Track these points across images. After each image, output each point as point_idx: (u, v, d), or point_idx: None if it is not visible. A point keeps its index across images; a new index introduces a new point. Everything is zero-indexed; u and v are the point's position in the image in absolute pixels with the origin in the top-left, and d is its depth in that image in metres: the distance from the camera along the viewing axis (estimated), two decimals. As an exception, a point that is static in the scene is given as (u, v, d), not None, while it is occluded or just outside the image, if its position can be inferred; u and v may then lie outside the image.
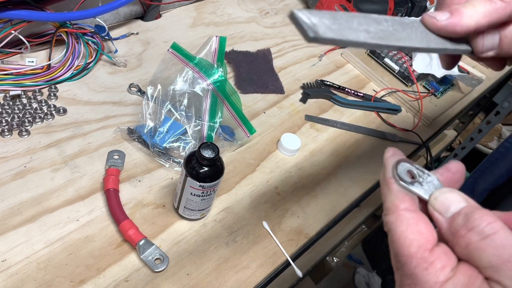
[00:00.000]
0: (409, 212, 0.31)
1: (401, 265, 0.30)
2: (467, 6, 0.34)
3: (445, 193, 0.31)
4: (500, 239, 0.27)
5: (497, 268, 0.27)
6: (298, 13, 0.29)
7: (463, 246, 0.28)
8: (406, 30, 0.34)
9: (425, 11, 1.15)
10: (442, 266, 0.28)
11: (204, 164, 0.59)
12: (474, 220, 0.28)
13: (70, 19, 0.78)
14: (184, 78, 0.73)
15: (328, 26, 0.29)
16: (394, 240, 0.30)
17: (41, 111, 0.73)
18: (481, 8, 0.34)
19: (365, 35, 0.31)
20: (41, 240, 0.60)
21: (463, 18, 0.34)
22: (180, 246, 0.64)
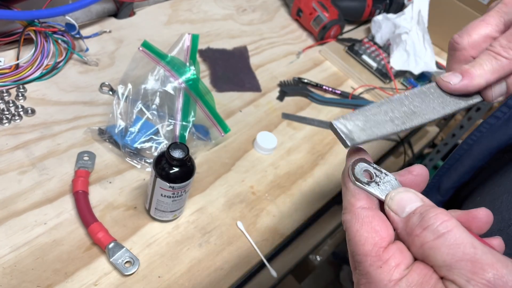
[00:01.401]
0: (364, 210, 0.31)
1: (357, 264, 0.30)
2: (475, 66, 0.37)
3: (401, 192, 0.31)
4: (454, 237, 0.27)
5: (451, 266, 0.26)
6: (337, 124, 0.34)
7: (418, 245, 0.28)
8: (424, 101, 0.38)
9: (402, 7, 1.15)
10: (396, 264, 0.28)
11: (174, 164, 0.58)
12: (428, 219, 0.28)
13: (39, 17, 0.76)
14: (155, 77, 0.71)
15: (361, 128, 0.34)
16: (350, 238, 0.30)
17: (9, 112, 0.71)
18: (489, 66, 0.37)
19: (391, 126, 0.35)
20: (6, 245, 0.59)
21: (474, 79, 0.37)
22: (152, 248, 0.63)
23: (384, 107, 0.36)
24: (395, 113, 0.36)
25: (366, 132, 0.34)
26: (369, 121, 0.35)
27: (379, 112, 0.36)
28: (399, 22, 1.02)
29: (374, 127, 0.35)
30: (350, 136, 0.33)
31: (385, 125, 0.35)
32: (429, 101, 0.38)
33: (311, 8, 1.07)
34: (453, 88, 0.38)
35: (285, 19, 1.13)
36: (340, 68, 1.03)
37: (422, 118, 0.37)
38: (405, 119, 0.36)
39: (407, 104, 0.37)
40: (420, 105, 0.37)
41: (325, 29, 1.04)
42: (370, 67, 1.02)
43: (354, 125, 0.34)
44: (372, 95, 0.99)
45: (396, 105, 0.37)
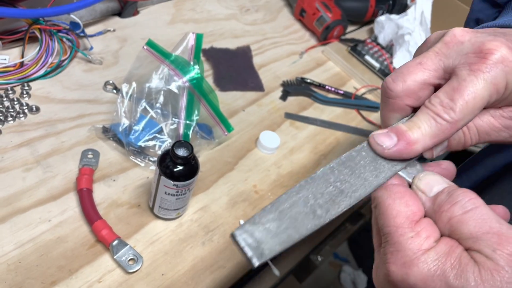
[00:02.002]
0: (396, 187, 0.33)
1: (385, 236, 0.31)
2: (413, 129, 0.33)
3: (429, 175, 0.34)
4: (481, 213, 0.29)
5: (478, 238, 0.28)
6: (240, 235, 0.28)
7: (445, 220, 0.30)
8: (354, 172, 0.33)
9: (406, 8, 1.16)
10: (427, 236, 0.30)
11: (178, 162, 0.58)
12: (457, 196, 0.30)
13: (43, 15, 0.76)
14: (159, 76, 0.71)
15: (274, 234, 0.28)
16: (382, 212, 0.32)
17: (13, 110, 0.72)
18: (427, 130, 0.32)
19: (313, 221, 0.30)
20: (11, 241, 0.59)
21: (411, 146, 0.33)
22: (155, 246, 0.63)
23: (304, 192, 0.31)
24: (317, 200, 0.31)
25: (280, 238, 0.28)
26: (284, 220, 0.29)
27: (297, 201, 0.30)
28: (402, 22, 1.02)
29: (290, 228, 0.29)
30: (258, 251, 0.28)
31: (305, 221, 0.30)
32: (360, 171, 0.33)
33: (314, 8, 1.07)
34: (387, 154, 0.33)
35: (288, 19, 1.14)
36: (343, 68, 1.04)
37: (351, 198, 0.32)
38: (330, 205, 0.31)
39: (333, 181, 0.32)
40: (349, 179, 0.33)
41: (328, 29, 1.05)
42: (373, 67, 1.02)
43: (264, 231, 0.28)
44: (374, 95, 0.99)
45: (320, 186, 0.32)
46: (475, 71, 0.32)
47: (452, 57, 0.34)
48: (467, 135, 0.37)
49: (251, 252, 0.28)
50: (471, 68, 0.32)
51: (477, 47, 0.32)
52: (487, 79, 0.31)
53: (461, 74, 0.32)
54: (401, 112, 0.36)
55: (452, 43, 0.34)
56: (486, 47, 0.32)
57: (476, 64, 0.32)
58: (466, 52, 0.33)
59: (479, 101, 0.32)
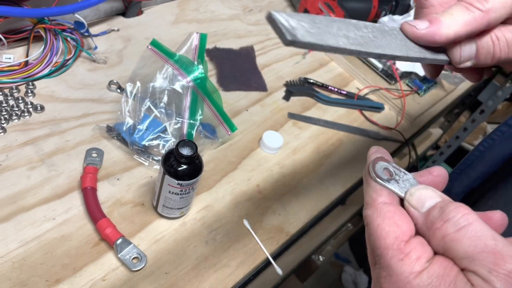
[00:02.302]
0: (386, 205, 0.31)
1: (378, 258, 0.30)
2: (445, 15, 0.34)
3: (420, 189, 0.32)
4: (475, 230, 0.27)
5: (473, 258, 0.27)
6: (276, 15, 0.28)
7: (439, 238, 0.29)
8: (385, 37, 0.33)
9: (408, 9, 1.16)
10: (417, 257, 0.28)
11: (182, 161, 0.58)
12: (449, 212, 0.29)
13: (48, 15, 0.76)
14: (164, 75, 0.72)
15: (307, 30, 0.28)
16: (371, 232, 0.31)
17: (18, 109, 0.72)
18: (460, 17, 0.34)
19: (344, 41, 0.30)
20: (16, 239, 0.59)
21: (442, 28, 0.34)
22: (159, 244, 0.64)
23: (338, 23, 0.31)
24: (350, 33, 0.31)
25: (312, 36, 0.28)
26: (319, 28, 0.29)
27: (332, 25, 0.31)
28: (405, 23, 1.02)
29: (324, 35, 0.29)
30: (291, 32, 0.28)
31: (338, 38, 0.30)
32: (391, 39, 0.34)
33: (317, 9, 1.07)
34: (419, 34, 0.34)
35: (291, 19, 1.14)
36: (345, 69, 1.04)
37: (382, 49, 0.32)
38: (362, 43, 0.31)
39: (365, 31, 0.32)
40: (380, 38, 0.33)
41: (331, 30, 1.05)
42: (375, 68, 1.02)
43: (298, 24, 0.28)
44: (377, 96, 0.99)
45: (352, 27, 0.32)
46: None
47: None
48: (497, 45, 0.36)
49: (284, 29, 0.27)
50: None
51: None
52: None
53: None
54: None
55: None
56: None
57: None
58: None
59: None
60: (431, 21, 0.34)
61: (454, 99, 1.07)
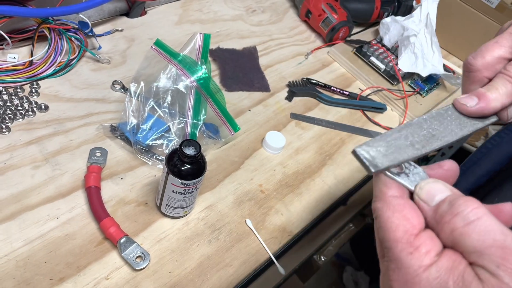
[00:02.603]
0: (395, 199, 0.32)
1: (387, 250, 0.31)
2: (491, 90, 0.38)
3: (430, 183, 0.33)
4: (484, 224, 0.28)
5: (481, 253, 0.27)
6: (360, 150, 0.34)
7: (448, 232, 0.29)
8: (443, 123, 0.38)
9: (411, 10, 1.16)
10: (427, 251, 0.29)
11: (186, 161, 0.59)
12: (458, 206, 0.29)
13: (53, 15, 0.77)
14: (167, 75, 0.72)
15: (384, 154, 0.35)
16: (381, 225, 0.31)
17: (22, 108, 0.73)
18: (503, 90, 0.38)
19: (412, 151, 0.36)
20: (20, 238, 0.60)
21: (490, 103, 0.38)
22: (162, 244, 0.64)
23: (404, 131, 0.37)
24: (415, 137, 0.37)
25: (388, 158, 0.34)
26: (391, 147, 0.35)
27: (399, 137, 0.36)
28: (407, 24, 1.03)
29: (396, 153, 0.35)
30: (373, 163, 0.34)
31: (406, 150, 0.36)
32: (447, 124, 0.39)
33: (320, 9, 1.07)
34: (470, 111, 0.38)
35: (294, 20, 1.14)
36: (348, 70, 1.04)
37: (441, 141, 0.37)
38: (425, 143, 0.37)
39: (426, 127, 0.38)
40: (438, 128, 0.38)
41: (333, 30, 1.05)
42: (378, 68, 1.03)
43: (376, 151, 0.35)
44: (380, 96, 1.00)
45: (416, 129, 0.37)
46: None
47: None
48: None
49: (367, 162, 0.33)
50: None
51: None
52: None
53: None
54: (480, 83, 0.40)
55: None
56: None
57: None
58: None
59: None
60: (479, 97, 0.38)
61: (456, 100, 1.07)
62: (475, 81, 0.40)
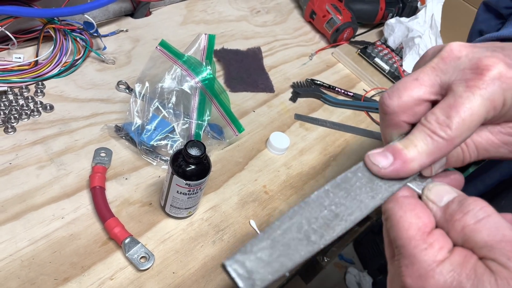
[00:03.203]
0: (406, 199, 0.32)
1: (398, 249, 0.31)
2: (409, 147, 0.32)
3: (438, 185, 0.33)
4: (494, 221, 0.29)
5: (492, 247, 0.28)
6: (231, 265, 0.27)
7: (458, 229, 0.30)
8: (350, 194, 0.32)
9: (416, 11, 1.16)
10: (440, 247, 0.30)
11: (191, 162, 0.59)
12: (468, 205, 0.30)
13: (58, 15, 0.77)
14: (172, 76, 0.72)
15: (266, 263, 0.27)
16: (393, 225, 0.32)
17: (28, 108, 0.73)
18: (423, 148, 0.32)
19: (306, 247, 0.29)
20: (25, 238, 0.60)
21: (406, 164, 0.32)
22: (166, 244, 0.64)
23: (297, 218, 0.30)
24: (311, 225, 0.30)
25: (272, 267, 0.27)
26: (277, 247, 0.28)
27: (290, 228, 0.30)
28: (412, 25, 1.02)
29: (283, 255, 0.28)
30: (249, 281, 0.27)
31: (298, 247, 0.29)
32: (356, 193, 0.32)
33: (325, 10, 1.07)
34: (383, 173, 0.33)
35: (298, 21, 1.14)
36: (352, 71, 1.04)
37: (347, 221, 0.31)
38: (324, 230, 0.30)
39: (328, 204, 0.31)
40: (344, 202, 0.32)
41: (338, 31, 1.05)
42: (382, 70, 1.03)
43: (255, 261, 0.27)
44: (384, 98, 0.99)
45: (314, 210, 0.31)
46: (471, 87, 0.31)
47: (449, 72, 0.33)
48: (466, 152, 0.36)
49: (242, 283, 0.27)
50: (468, 85, 0.31)
51: (474, 63, 0.32)
52: (484, 96, 0.31)
53: (458, 91, 0.31)
54: (398, 128, 0.35)
55: (449, 58, 0.33)
56: (483, 63, 0.31)
57: (473, 80, 0.31)
58: (463, 68, 0.32)
59: (476, 118, 0.31)
60: (394, 156, 0.33)
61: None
62: (392, 124, 0.35)
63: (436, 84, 0.33)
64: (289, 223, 0.30)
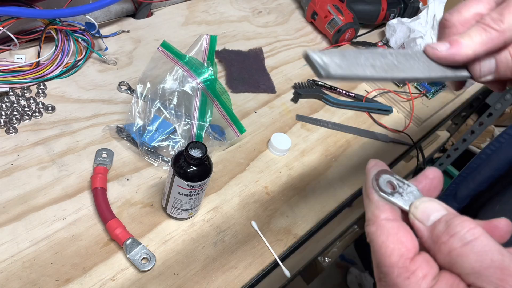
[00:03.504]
0: (389, 222, 0.31)
1: (383, 275, 0.30)
2: (464, 36, 0.36)
3: (425, 202, 0.32)
4: (482, 245, 0.27)
5: (480, 274, 0.27)
6: (312, 54, 0.32)
7: (445, 253, 0.28)
8: (409, 61, 0.36)
9: (418, 12, 1.16)
10: (424, 275, 0.28)
11: (192, 163, 0.59)
12: (455, 226, 0.28)
13: (60, 16, 0.77)
14: (174, 77, 0.72)
15: (338, 64, 0.32)
16: (376, 250, 0.30)
17: (29, 109, 0.73)
18: (478, 38, 0.36)
19: (371, 70, 0.33)
20: (26, 239, 0.60)
21: (462, 48, 0.36)
22: (168, 245, 0.64)
23: (365, 54, 0.35)
24: (376, 62, 0.34)
25: (343, 69, 0.32)
26: (348, 61, 0.33)
27: (360, 56, 0.34)
28: (414, 26, 1.02)
29: (352, 67, 0.33)
30: (325, 68, 0.32)
31: (364, 68, 0.34)
32: (414, 62, 0.37)
33: (326, 11, 1.07)
34: (440, 55, 0.37)
35: (300, 21, 1.14)
36: (354, 71, 1.04)
37: (406, 73, 0.35)
38: (387, 69, 0.35)
39: (390, 58, 0.36)
40: (404, 63, 0.36)
41: (339, 32, 1.05)
42: (384, 70, 1.02)
43: (330, 60, 0.32)
44: (385, 98, 0.99)
45: (378, 56, 0.35)
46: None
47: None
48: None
49: (319, 66, 0.31)
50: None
51: None
52: None
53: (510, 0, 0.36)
54: None
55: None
56: None
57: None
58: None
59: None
60: (451, 43, 0.36)
61: (462, 102, 1.07)
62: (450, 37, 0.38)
63: (492, 1, 0.38)
64: (359, 53, 0.34)
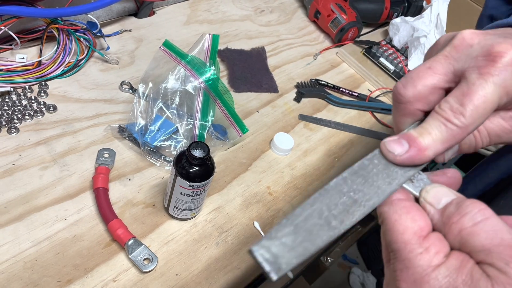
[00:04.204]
0: (401, 201, 0.32)
1: (393, 253, 0.30)
2: (423, 134, 0.33)
3: (436, 187, 0.32)
4: (492, 224, 0.28)
5: (490, 251, 0.27)
6: (257, 251, 0.28)
7: (455, 232, 0.29)
8: (367, 180, 0.33)
9: (421, 11, 1.15)
10: (436, 251, 0.29)
11: (194, 163, 0.58)
12: (466, 207, 0.29)
13: (61, 15, 0.77)
14: (176, 76, 0.72)
15: (290, 247, 0.29)
16: (388, 228, 0.31)
17: (31, 108, 0.73)
18: (438, 135, 0.32)
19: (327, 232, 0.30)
20: (28, 239, 0.59)
21: (422, 152, 0.33)
22: (170, 246, 0.64)
23: (317, 205, 0.31)
24: (331, 211, 0.31)
25: (296, 252, 0.29)
26: (300, 233, 0.30)
27: (312, 214, 0.31)
28: (417, 25, 1.02)
29: (306, 240, 0.29)
30: (276, 265, 0.28)
31: (320, 232, 0.30)
32: (373, 180, 0.33)
33: (329, 10, 1.07)
34: (399, 161, 0.33)
35: (303, 20, 1.13)
36: (357, 71, 1.03)
37: (365, 207, 0.32)
38: (344, 215, 0.31)
39: (346, 191, 0.32)
40: (362, 188, 0.33)
41: (342, 31, 1.05)
42: (387, 70, 1.02)
43: (280, 246, 0.29)
44: (389, 97, 0.99)
45: (333, 197, 0.32)
46: (484, 74, 0.31)
47: (461, 60, 0.33)
48: (478, 138, 0.37)
49: (269, 267, 0.28)
50: (481, 72, 0.31)
51: (486, 50, 0.32)
52: (496, 82, 0.31)
53: (471, 78, 0.32)
54: (412, 116, 0.36)
55: (461, 46, 0.34)
56: (495, 50, 0.32)
57: (486, 67, 0.31)
58: (476, 55, 0.33)
59: (489, 105, 0.31)
60: (410, 143, 0.33)
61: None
62: (406, 113, 0.36)
63: (450, 72, 0.34)
64: (311, 210, 0.31)
